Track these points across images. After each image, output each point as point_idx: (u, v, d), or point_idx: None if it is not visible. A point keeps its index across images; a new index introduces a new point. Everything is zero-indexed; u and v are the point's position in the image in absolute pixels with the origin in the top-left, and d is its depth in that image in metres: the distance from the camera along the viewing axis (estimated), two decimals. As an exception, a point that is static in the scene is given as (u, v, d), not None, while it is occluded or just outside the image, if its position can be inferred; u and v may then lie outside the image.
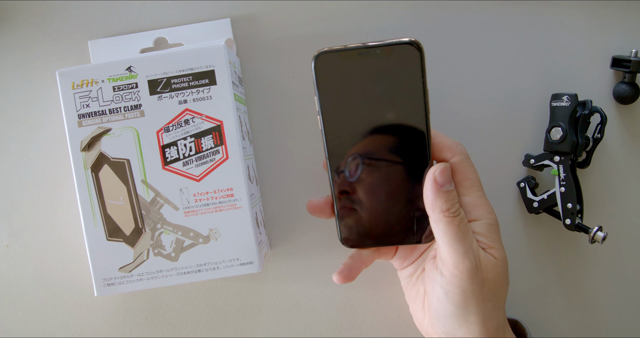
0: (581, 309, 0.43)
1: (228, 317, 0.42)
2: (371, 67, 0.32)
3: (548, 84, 0.42)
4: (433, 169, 0.32)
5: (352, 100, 0.32)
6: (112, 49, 0.41)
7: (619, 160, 0.43)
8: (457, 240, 0.31)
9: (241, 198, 0.36)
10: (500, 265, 0.33)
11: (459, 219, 0.31)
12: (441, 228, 0.31)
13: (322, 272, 0.42)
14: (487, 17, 0.42)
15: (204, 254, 0.36)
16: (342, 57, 0.32)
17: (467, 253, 0.31)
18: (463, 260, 0.31)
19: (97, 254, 0.36)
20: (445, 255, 0.32)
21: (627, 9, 0.42)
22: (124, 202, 0.36)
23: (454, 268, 0.31)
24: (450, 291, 0.32)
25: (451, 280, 0.31)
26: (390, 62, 0.32)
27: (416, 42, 0.31)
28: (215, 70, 0.36)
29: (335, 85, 0.32)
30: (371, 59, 0.32)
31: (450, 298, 0.32)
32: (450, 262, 0.31)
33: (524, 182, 0.42)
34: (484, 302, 0.32)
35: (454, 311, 0.32)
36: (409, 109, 0.32)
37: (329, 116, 0.33)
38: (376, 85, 0.32)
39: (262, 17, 0.41)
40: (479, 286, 0.31)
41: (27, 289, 0.41)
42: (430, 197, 0.32)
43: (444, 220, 0.31)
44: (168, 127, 0.36)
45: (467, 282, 0.31)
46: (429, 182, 0.32)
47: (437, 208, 0.31)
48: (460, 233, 0.31)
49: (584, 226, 0.39)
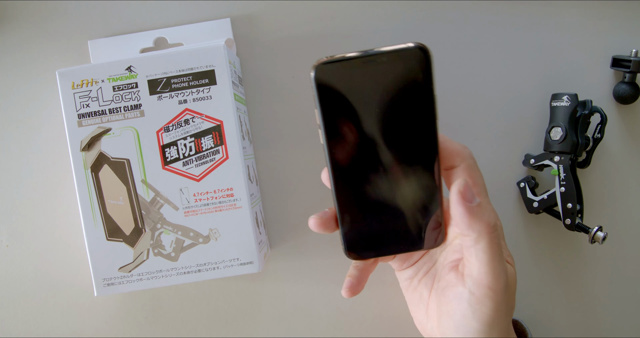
0: (581, 309, 0.43)
1: (228, 317, 0.42)
2: (376, 76, 0.30)
3: (548, 84, 0.42)
4: (456, 187, 0.29)
5: (356, 112, 0.30)
6: (112, 49, 0.41)
7: (619, 160, 0.43)
8: (496, 260, 0.29)
9: (241, 198, 0.36)
10: (515, 273, 0.33)
11: (499, 236, 0.30)
12: (481, 247, 0.29)
13: (322, 272, 0.42)
14: (487, 17, 0.42)
15: (204, 254, 0.36)
16: (344, 67, 0.29)
17: (502, 274, 0.29)
18: (498, 280, 0.29)
19: (97, 254, 0.36)
20: (479, 274, 0.30)
21: (627, 9, 0.42)
22: (124, 202, 0.36)
23: (487, 289, 0.30)
24: (478, 310, 0.30)
25: (482, 300, 0.30)
26: (397, 69, 0.29)
27: (423, 46, 0.29)
28: (215, 70, 0.36)
29: (337, 96, 0.30)
30: (376, 67, 0.29)
31: (478, 317, 0.30)
32: (485, 282, 0.30)
33: (524, 182, 0.42)
34: (507, 318, 0.31)
35: (479, 328, 0.31)
36: (417, 119, 0.31)
37: (332, 130, 0.31)
38: (381, 95, 0.30)
39: (262, 17, 0.41)
40: (506, 304, 0.30)
41: (27, 289, 0.41)
42: (465, 216, 0.29)
43: (487, 238, 0.29)
44: (168, 127, 0.36)
45: (498, 303, 0.30)
46: (457, 201, 0.29)
47: (476, 227, 0.29)
48: (499, 252, 0.29)
49: (584, 226, 0.39)
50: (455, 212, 0.29)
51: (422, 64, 0.29)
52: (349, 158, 0.32)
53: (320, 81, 0.30)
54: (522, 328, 0.38)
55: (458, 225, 0.30)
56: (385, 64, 0.29)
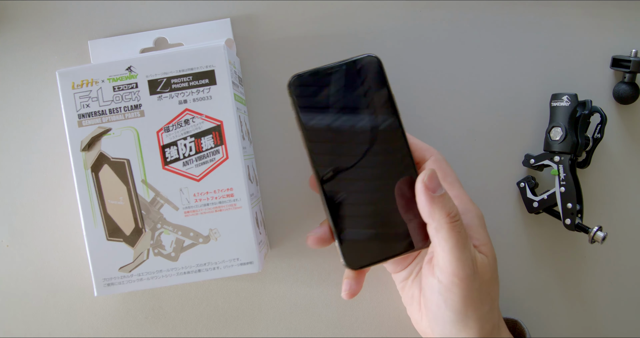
0: (581, 309, 0.43)
1: (228, 317, 0.42)
2: (342, 83, 0.34)
3: (548, 84, 0.42)
4: (420, 177, 0.31)
5: (331, 117, 0.34)
6: (112, 49, 0.41)
7: (619, 160, 0.43)
8: (458, 248, 0.30)
9: (241, 198, 0.36)
10: (492, 263, 0.33)
11: (459, 225, 0.31)
12: (442, 236, 0.31)
13: (322, 272, 0.42)
14: (487, 17, 0.42)
15: (204, 254, 0.36)
16: (313, 77, 0.34)
17: (467, 261, 0.30)
18: (463, 267, 0.30)
19: (97, 254, 0.36)
20: (444, 262, 0.31)
21: (627, 9, 0.42)
22: (124, 202, 0.36)
23: (453, 276, 0.31)
24: (449, 298, 0.31)
25: (450, 288, 0.31)
26: (357, 75, 0.34)
27: (374, 55, 0.34)
28: (215, 70, 0.36)
29: (313, 104, 0.34)
30: (340, 75, 0.34)
31: (450, 305, 0.31)
32: (450, 270, 0.31)
33: (524, 182, 0.42)
34: (482, 306, 0.32)
35: (453, 317, 0.32)
36: (383, 117, 0.34)
37: (313, 135, 0.34)
38: (349, 99, 0.34)
39: (262, 17, 0.41)
40: (477, 291, 0.31)
41: (27, 289, 0.41)
42: (426, 205, 0.31)
43: (446, 227, 0.30)
44: (168, 127, 0.36)
45: (466, 290, 0.31)
46: (420, 190, 0.31)
47: (436, 215, 0.31)
48: (461, 240, 0.30)
49: (584, 226, 0.39)
50: (419, 201, 0.31)
51: (375, 67, 0.34)
52: (332, 164, 0.34)
53: (296, 90, 0.34)
54: (521, 329, 0.38)
55: (422, 215, 0.32)
56: (347, 72, 0.34)
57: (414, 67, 0.42)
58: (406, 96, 0.42)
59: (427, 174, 0.31)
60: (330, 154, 0.34)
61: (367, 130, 0.34)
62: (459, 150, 0.42)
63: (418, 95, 0.42)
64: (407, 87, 0.42)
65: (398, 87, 0.42)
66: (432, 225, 0.31)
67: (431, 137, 0.42)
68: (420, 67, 0.42)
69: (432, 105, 0.42)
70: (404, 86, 0.42)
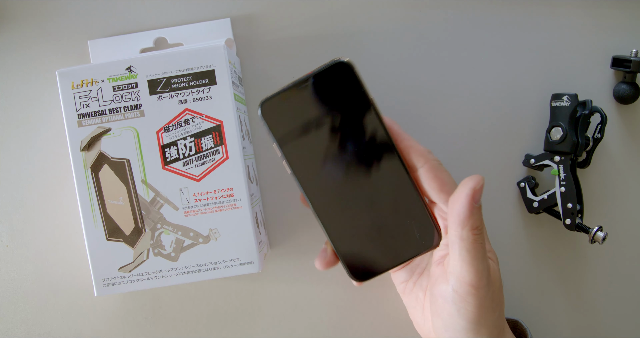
0: (581, 309, 0.43)
1: (228, 317, 0.42)
2: (315, 97, 0.32)
3: (548, 84, 0.42)
4: (471, 184, 0.30)
5: (311, 135, 0.32)
6: (112, 49, 0.41)
7: (619, 160, 0.43)
8: (478, 259, 0.30)
9: (241, 198, 0.36)
10: (498, 269, 0.33)
11: (482, 237, 0.30)
12: (465, 246, 0.30)
13: (322, 272, 0.42)
14: (487, 17, 0.42)
15: (204, 254, 0.36)
16: (283, 98, 0.32)
17: (484, 272, 0.30)
18: (480, 278, 0.30)
19: (97, 254, 0.36)
20: (461, 272, 0.30)
21: (627, 9, 0.42)
22: (124, 202, 0.36)
23: (470, 286, 0.30)
24: (462, 308, 0.31)
25: (465, 298, 0.30)
26: (329, 85, 0.31)
27: (345, 60, 0.31)
28: (215, 70, 0.36)
29: (289, 126, 0.32)
30: (311, 89, 0.31)
31: (463, 314, 0.31)
32: (467, 280, 0.30)
33: (524, 182, 0.42)
34: (493, 314, 0.31)
35: (465, 326, 0.31)
36: (365, 122, 0.32)
37: (295, 158, 0.32)
38: (328, 112, 0.32)
39: (262, 17, 0.41)
40: (490, 300, 0.31)
41: (27, 289, 0.41)
42: (465, 213, 0.29)
43: (471, 239, 0.30)
44: (168, 127, 0.36)
45: (482, 299, 0.30)
46: (465, 197, 0.30)
47: (467, 226, 0.30)
48: (482, 252, 0.30)
49: (584, 226, 0.39)
50: (458, 207, 0.30)
51: (348, 75, 0.31)
52: (321, 182, 0.32)
53: (268, 116, 0.32)
54: (522, 329, 0.38)
55: (452, 220, 0.30)
56: (317, 84, 0.31)
57: (414, 67, 0.42)
58: (406, 96, 0.42)
59: (480, 184, 0.30)
60: (317, 173, 0.32)
61: (351, 143, 0.32)
62: (459, 150, 0.42)
63: (418, 95, 0.42)
64: (407, 87, 0.42)
65: (398, 87, 0.42)
66: (457, 234, 0.30)
67: (431, 137, 0.42)
68: (420, 67, 0.42)
69: (432, 105, 0.42)
70: (404, 86, 0.42)
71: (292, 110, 0.32)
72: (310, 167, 0.32)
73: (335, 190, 0.32)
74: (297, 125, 0.32)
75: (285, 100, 0.32)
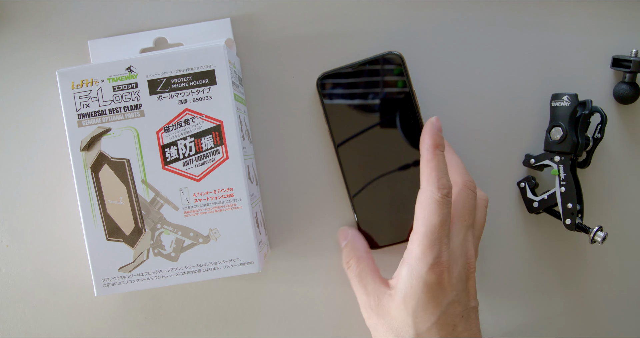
0: (581, 309, 0.43)
1: (228, 317, 0.42)
2: (365, 78, 0.38)
3: (548, 84, 0.42)
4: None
5: (354, 111, 0.39)
6: (112, 49, 0.41)
7: (619, 160, 0.43)
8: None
9: (241, 198, 0.36)
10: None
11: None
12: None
13: (322, 272, 0.42)
14: (487, 17, 0.42)
15: (204, 254, 0.36)
16: (339, 75, 0.39)
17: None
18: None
19: (97, 254, 0.36)
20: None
21: (627, 9, 0.42)
22: (124, 202, 0.36)
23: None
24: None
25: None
26: (380, 70, 0.38)
27: (397, 52, 0.38)
28: (215, 70, 0.36)
29: (338, 100, 0.39)
30: (364, 71, 0.38)
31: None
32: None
33: (524, 182, 0.42)
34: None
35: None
36: (402, 107, 0.38)
37: (337, 127, 0.39)
38: (373, 93, 0.38)
39: (262, 17, 0.41)
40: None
41: (27, 289, 0.41)
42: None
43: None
44: (168, 127, 0.36)
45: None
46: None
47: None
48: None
49: (584, 226, 0.39)
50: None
51: (398, 65, 0.38)
52: (355, 156, 0.39)
53: (323, 89, 0.39)
54: None
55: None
56: (370, 68, 0.38)
57: (414, 67, 0.42)
58: (406, 96, 0.42)
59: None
60: (353, 144, 0.39)
61: (386, 122, 0.38)
62: (459, 150, 0.42)
63: (417, 95, 0.42)
64: (407, 87, 0.42)
65: (398, 87, 0.42)
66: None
67: (431, 137, 0.42)
68: (420, 67, 0.42)
69: (432, 105, 0.42)
70: (404, 86, 0.42)
71: (344, 87, 0.39)
72: (349, 138, 0.39)
73: (367, 162, 0.39)
74: (344, 100, 0.39)
75: (340, 78, 0.39)
